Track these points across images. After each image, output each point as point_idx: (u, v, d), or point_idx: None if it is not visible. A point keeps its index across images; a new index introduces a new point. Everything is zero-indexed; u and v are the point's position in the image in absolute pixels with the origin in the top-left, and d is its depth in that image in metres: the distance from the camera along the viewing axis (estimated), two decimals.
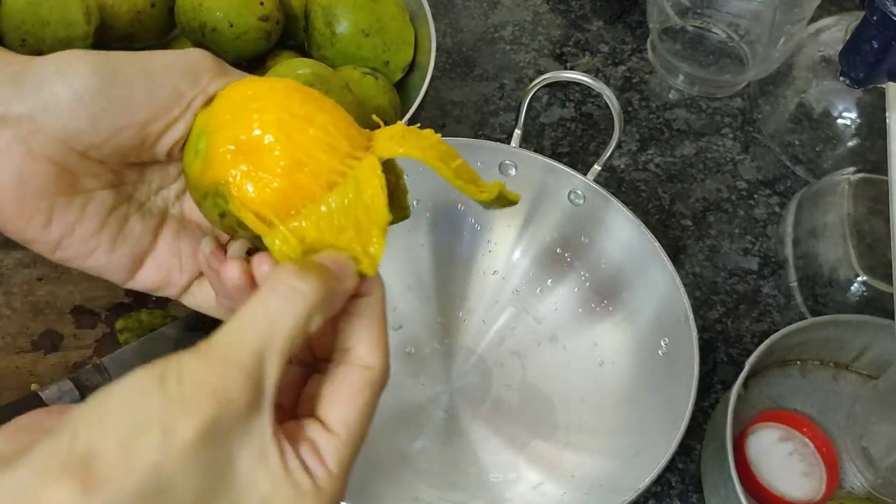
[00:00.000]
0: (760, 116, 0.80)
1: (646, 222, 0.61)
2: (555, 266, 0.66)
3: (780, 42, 0.75)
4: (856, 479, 0.61)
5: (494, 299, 0.66)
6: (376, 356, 0.31)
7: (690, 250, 0.72)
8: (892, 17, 0.62)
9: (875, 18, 0.63)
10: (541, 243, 0.66)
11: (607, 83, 0.82)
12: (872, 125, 0.73)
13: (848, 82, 0.69)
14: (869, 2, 0.63)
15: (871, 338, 0.62)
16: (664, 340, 0.59)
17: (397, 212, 0.35)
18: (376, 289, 0.32)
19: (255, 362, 0.27)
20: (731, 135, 0.80)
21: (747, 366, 0.58)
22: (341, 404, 0.30)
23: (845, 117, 0.74)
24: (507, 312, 0.65)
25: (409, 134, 0.34)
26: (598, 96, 0.80)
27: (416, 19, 0.69)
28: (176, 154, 0.35)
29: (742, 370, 0.57)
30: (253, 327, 0.28)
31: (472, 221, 0.66)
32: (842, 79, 0.69)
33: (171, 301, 0.62)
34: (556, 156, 0.75)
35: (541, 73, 0.82)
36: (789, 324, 0.60)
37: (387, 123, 0.35)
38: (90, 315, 0.62)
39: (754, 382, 0.64)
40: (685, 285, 0.58)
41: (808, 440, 0.61)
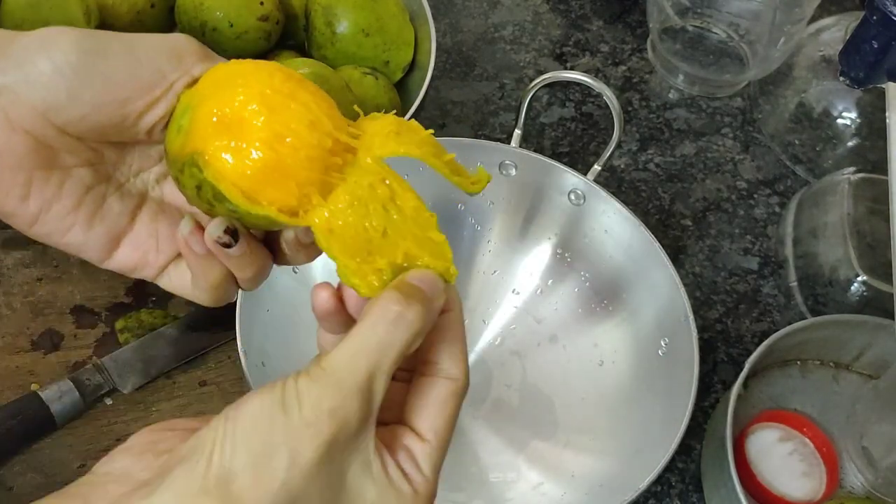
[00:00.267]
0: (760, 116, 0.80)
1: (646, 222, 0.61)
2: (555, 266, 0.65)
3: (780, 42, 0.75)
4: (856, 479, 0.61)
5: (494, 299, 0.66)
6: (460, 369, 0.33)
7: (690, 250, 0.72)
8: (892, 17, 0.62)
9: (875, 18, 0.63)
10: (541, 243, 0.66)
11: (607, 83, 0.82)
12: (872, 125, 0.73)
13: (848, 82, 0.69)
14: (869, 2, 0.63)
15: (871, 338, 0.62)
16: (664, 340, 0.59)
17: None
18: (456, 304, 0.34)
19: (367, 385, 0.30)
20: (731, 135, 0.80)
21: (747, 366, 0.58)
22: (431, 414, 0.32)
23: (845, 117, 0.74)
24: (507, 313, 0.65)
25: (403, 130, 0.34)
26: (598, 96, 0.80)
27: (416, 19, 0.69)
28: (157, 135, 0.35)
29: (742, 370, 0.57)
30: (366, 353, 0.30)
31: (472, 221, 0.66)
32: (842, 79, 0.69)
33: (171, 301, 0.63)
34: (556, 156, 0.75)
35: (541, 72, 0.82)
36: (789, 324, 0.60)
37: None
38: (90, 315, 0.62)
39: (754, 382, 0.64)
40: (685, 285, 0.58)
41: (808, 440, 0.61)
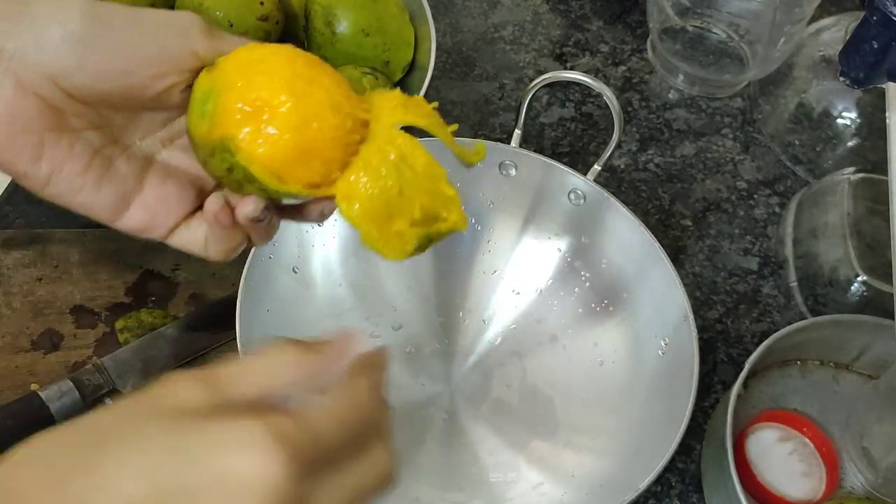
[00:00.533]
0: (760, 116, 0.80)
1: (646, 222, 0.61)
2: (555, 266, 0.65)
3: (780, 42, 0.75)
4: (856, 479, 0.61)
5: (495, 299, 0.65)
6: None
7: (690, 250, 0.72)
8: (892, 17, 0.62)
9: (875, 18, 0.63)
10: (541, 243, 0.66)
11: (607, 83, 0.82)
12: (872, 125, 0.73)
13: (848, 82, 0.69)
14: (869, 2, 0.63)
15: (871, 338, 0.62)
16: (664, 340, 0.58)
17: None
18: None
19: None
20: (731, 135, 0.80)
21: (747, 366, 0.58)
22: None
23: (845, 117, 0.74)
24: (507, 313, 0.65)
25: (408, 102, 0.37)
26: (598, 96, 0.80)
27: (416, 19, 0.69)
28: (163, 104, 0.37)
29: (742, 370, 0.57)
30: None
31: (473, 222, 0.66)
32: (842, 79, 0.69)
33: (171, 301, 0.63)
34: (557, 156, 0.75)
35: (541, 73, 0.82)
36: (789, 324, 0.60)
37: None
38: (90, 315, 0.62)
39: (754, 382, 0.64)
40: (685, 285, 0.58)
41: (808, 440, 0.61)
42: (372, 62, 0.67)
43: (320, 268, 0.62)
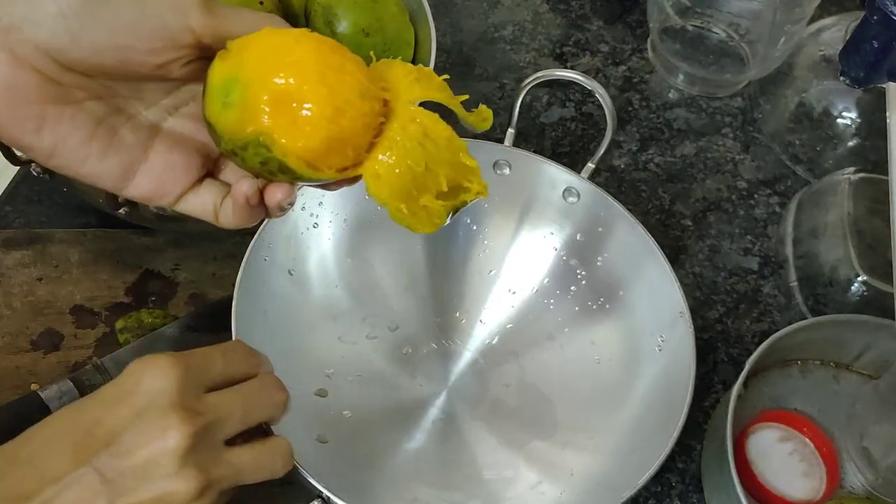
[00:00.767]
0: (761, 116, 0.80)
1: (646, 222, 0.61)
2: (551, 265, 0.65)
3: (781, 42, 0.75)
4: (856, 479, 0.61)
5: (491, 299, 0.65)
6: None
7: (690, 250, 0.72)
8: (892, 17, 0.62)
9: (875, 18, 0.63)
10: (536, 242, 0.66)
11: (607, 83, 0.82)
12: (872, 125, 0.73)
13: (848, 82, 0.69)
14: (869, 2, 0.63)
15: (872, 338, 0.62)
16: (661, 337, 0.58)
17: None
18: None
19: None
20: (731, 134, 0.80)
21: (747, 366, 0.57)
22: None
23: (845, 117, 0.74)
24: (503, 312, 0.65)
25: (422, 76, 0.37)
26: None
27: (417, 19, 0.69)
28: (165, 76, 0.37)
29: (742, 370, 0.57)
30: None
31: (468, 221, 0.66)
32: (842, 79, 0.69)
33: (171, 301, 0.63)
34: (557, 156, 0.75)
35: None
36: (789, 324, 0.60)
37: None
38: (90, 315, 0.62)
39: (754, 382, 0.64)
40: (685, 285, 0.58)
41: (808, 440, 0.61)
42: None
43: (316, 269, 0.62)
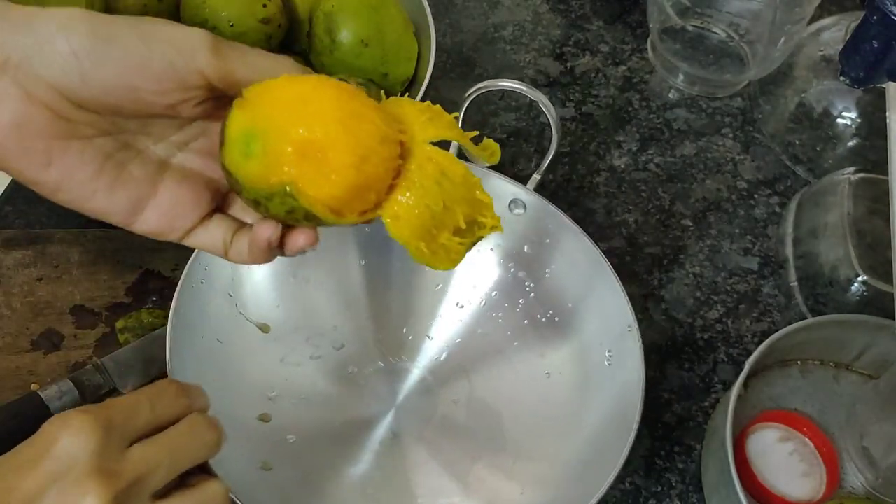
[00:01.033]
0: (761, 116, 0.80)
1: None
2: (499, 278, 0.64)
3: (781, 42, 0.75)
4: (856, 479, 0.61)
5: (438, 314, 0.64)
6: None
7: (691, 250, 0.72)
8: (893, 17, 0.62)
9: (875, 18, 0.63)
10: (483, 255, 0.64)
11: (607, 83, 0.82)
12: (872, 125, 0.73)
13: (848, 82, 0.69)
14: (869, 2, 0.63)
15: (872, 338, 0.62)
16: (609, 352, 0.57)
17: None
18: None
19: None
20: (731, 135, 0.80)
21: (747, 366, 0.58)
22: None
23: (845, 117, 0.74)
24: (451, 327, 0.64)
25: (433, 115, 0.38)
26: (597, 96, 0.80)
27: (417, 19, 0.69)
28: (175, 115, 0.37)
29: (742, 370, 0.57)
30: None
31: None
32: (842, 79, 0.69)
33: (171, 301, 0.63)
34: (558, 155, 0.75)
35: (541, 72, 0.82)
36: (789, 324, 0.60)
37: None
38: (90, 315, 0.62)
39: (754, 382, 0.64)
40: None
41: (808, 440, 0.61)
42: (370, 73, 0.66)
43: (256, 290, 0.60)
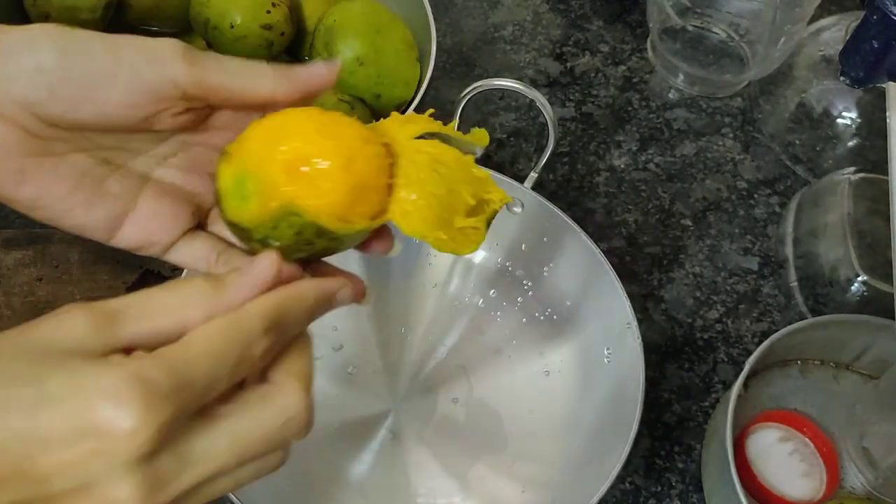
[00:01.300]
0: (760, 116, 0.80)
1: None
2: (497, 277, 0.64)
3: (781, 42, 0.75)
4: (856, 479, 0.61)
5: (437, 314, 0.64)
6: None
7: (690, 250, 0.72)
8: (893, 17, 0.62)
9: (875, 18, 0.63)
10: (481, 254, 0.64)
11: (607, 83, 0.82)
12: (872, 125, 0.73)
13: (848, 82, 0.69)
14: (869, 2, 0.63)
15: (872, 338, 0.62)
16: (608, 349, 0.57)
17: None
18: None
19: None
20: (731, 134, 0.80)
21: (747, 366, 0.58)
22: None
23: (845, 117, 0.74)
24: (450, 326, 0.64)
25: (409, 118, 0.39)
26: (597, 96, 0.80)
27: (417, 19, 0.69)
28: (151, 128, 0.36)
29: (742, 370, 0.57)
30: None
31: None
32: (842, 79, 0.69)
33: None
34: (557, 155, 0.75)
35: (541, 72, 0.82)
36: (789, 324, 0.60)
37: None
38: None
39: (754, 382, 0.64)
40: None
41: (808, 440, 0.61)
42: (362, 93, 0.66)
43: None
